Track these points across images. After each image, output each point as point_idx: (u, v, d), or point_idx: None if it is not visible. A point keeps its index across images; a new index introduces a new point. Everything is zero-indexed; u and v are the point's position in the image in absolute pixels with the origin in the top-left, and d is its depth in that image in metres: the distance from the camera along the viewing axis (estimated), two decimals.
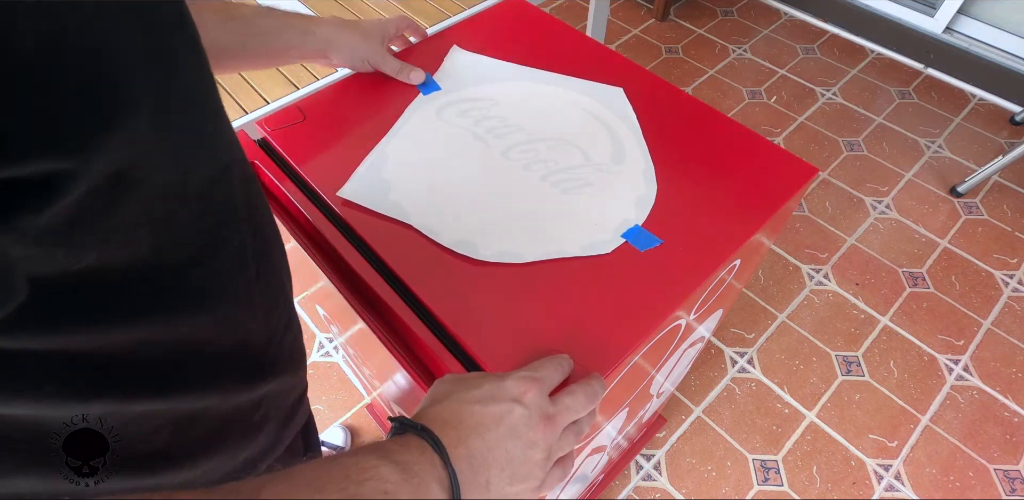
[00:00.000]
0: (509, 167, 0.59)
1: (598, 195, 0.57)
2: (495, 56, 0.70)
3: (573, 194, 0.57)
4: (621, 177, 0.58)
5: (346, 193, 0.57)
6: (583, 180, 0.58)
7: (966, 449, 1.31)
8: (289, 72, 1.08)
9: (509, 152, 0.60)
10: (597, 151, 0.60)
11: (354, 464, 0.29)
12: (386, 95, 0.66)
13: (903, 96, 2.00)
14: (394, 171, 0.58)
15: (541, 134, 0.62)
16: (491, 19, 0.76)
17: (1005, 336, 1.47)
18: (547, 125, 0.63)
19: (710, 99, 1.98)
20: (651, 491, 1.25)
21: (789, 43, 2.18)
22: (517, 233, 0.54)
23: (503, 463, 0.35)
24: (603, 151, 0.61)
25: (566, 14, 2.27)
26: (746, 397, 1.38)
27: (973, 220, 1.69)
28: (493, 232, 0.54)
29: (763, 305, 1.53)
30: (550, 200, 0.56)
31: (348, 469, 0.29)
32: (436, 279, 0.51)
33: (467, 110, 0.64)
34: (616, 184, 0.58)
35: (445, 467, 0.32)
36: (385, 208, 0.55)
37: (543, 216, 0.55)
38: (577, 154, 0.60)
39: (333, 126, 0.63)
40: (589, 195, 0.57)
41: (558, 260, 0.52)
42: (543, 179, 0.58)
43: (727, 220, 0.56)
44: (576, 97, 0.66)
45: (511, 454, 0.35)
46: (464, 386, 0.37)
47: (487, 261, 0.52)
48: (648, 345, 0.52)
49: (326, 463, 0.29)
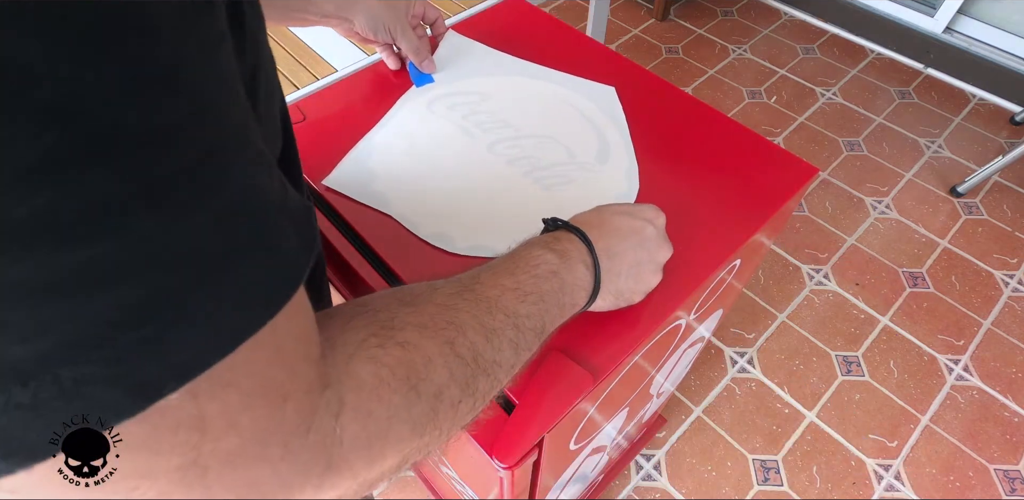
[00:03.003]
0: (493, 162, 0.59)
1: (579, 193, 0.57)
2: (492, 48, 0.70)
3: (555, 191, 0.57)
4: (604, 176, 0.59)
5: (331, 182, 0.57)
6: (566, 177, 0.58)
7: (966, 449, 1.31)
8: (289, 72, 1.08)
9: (495, 147, 0.60)
10: (582, 149, 0.61)
11: (528, 254, 0.39)
12: (386, 96, 0.66)
13: (903, 96, 2.00)
14: (379, 161, 0.59)
15: (528, 130, 0.62)
16: (491, 19, 0.76)
17: (1005, 336, 1.47)
18: (535, 122, 0.63)
19: (710, 99, 1.98)
20: (651, 491, 1.25)
21: (789, 43, 2.18)
22: (495, 228, 0.54)
23: (630, 264, 0.44)
24: (588, 149, 0.61)
25: (566, 14, 2.26)
26: (746, 397, 1.38)
27: (973, 220, 1.69)
28: (471, 226, 0.54)
29: (763, 305, 1.53)
30: (531, 196, 0.57)
31: (526, 259, 0.39)
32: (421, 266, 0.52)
33: (457, 104, 0.64)
34: (598, 183, 0.58)
35: (590, 254, 0.41)
36: (368, 198, 0.56)
37: (523, 212, 0.55)
38: (562, 152, 0.60)
39: (333, 126, 0.63)
40: (570, 192, 0.57)
41: None
42: (526, 175, 0.58)
43: (727, 220, 0.56)
44: (566, 95, 0.66)
45: (637, 259, 0.44)
46: (605, 205, 0.47)
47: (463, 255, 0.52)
48: (648, 345, 0.52)
49: (509, 258, 0.39)
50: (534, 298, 0.37)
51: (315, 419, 0.23)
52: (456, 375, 0.30)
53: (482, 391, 0.32)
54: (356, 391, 0.25)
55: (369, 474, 0.27)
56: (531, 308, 0.36)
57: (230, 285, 0.19)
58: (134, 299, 0.17)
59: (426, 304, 0.32)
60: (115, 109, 0.15)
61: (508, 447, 0.44)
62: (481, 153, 0.60)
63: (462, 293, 0.34)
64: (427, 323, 0.31)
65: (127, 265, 0.16)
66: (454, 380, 0.30)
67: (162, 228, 0.17)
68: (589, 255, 0.41)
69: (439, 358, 0.29)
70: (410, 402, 0.27)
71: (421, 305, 0.32)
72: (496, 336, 0.33)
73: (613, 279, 0.43)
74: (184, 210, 0.17)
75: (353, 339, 0.28)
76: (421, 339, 0.29)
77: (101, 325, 0.16)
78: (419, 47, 0.64)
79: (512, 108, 0.64)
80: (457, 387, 0.30)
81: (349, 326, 0.28)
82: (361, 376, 0.26)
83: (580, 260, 0.41)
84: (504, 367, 0.34)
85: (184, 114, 0.17)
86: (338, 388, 0.25)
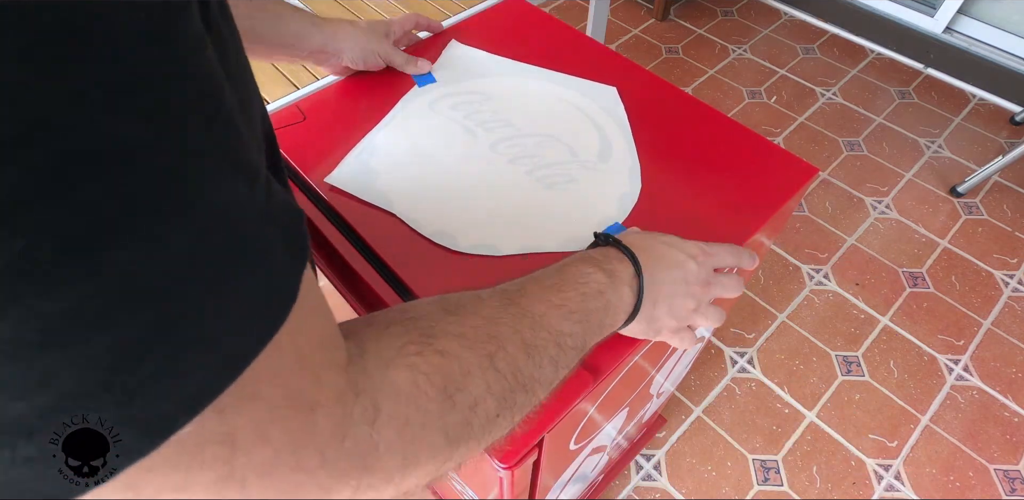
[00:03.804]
0: (495, 160, 0.59)
1: (581, 192, 0.57)
2: (493, 53, 0.70)
3: (557, 190, 0.57)
4: (606, 175, 0.59)
5: (334, 179, 0.57)
6: (568, 176, 0.58)
7: (966, 449, 1.31)
8: (289, 72, 1.08)
9: (497, 146, 0.60)
10: (584, 148, 0.61)
11: (578, 271, 0.39)
12: (387, 95, 0.66)
13: (903, 96, 2.00)
14: (382, 160, 0.59)
15: (530, 129, 0.62)
16: (491, 19, 0.76)
17: (1005, 336, 1.47)
18: (537, 121, 0.63)
19: (710, 99, 1.98)
20: (651, 491, 1.25)
21: (789, 43, 2.18)
22: (498, 226, 0.54)
23: (669, 295, 0.44)
24: (590, 148, 0.61)
25: (566, 14, 2.26)
26: (746, 397, 1.38)
27: (973, 220, 1.69)
28: (474, 224, 0.54)
29: (763, 305, 1.53)
30: (533, 195, 0.57)
31: (576, 275, 0.39)
32: (422, 266, 0.52)
33: (459, 103, 0.65)
34: (601, 181, 0.58)
35: (636, 277, 0.41)
36: (371, 196, 0.56)
37: (525, 210, 0.56)
38: (564, 150, 0.60)
39: (334, 126, 0.63)
40: (572, 191, 0.57)
41: (539, 254, 0.52)
42: (528, 174, 0.58)
43: (727, 220, 0.56)
44: (568, 94, 0.66)
45: (675, 292, 0.44)
46: (654, 233, 0.47)
47: (466, 253, 0.52)
48: (648, 345, 0.52)
49: (558, 271, 0.39)
50: (578, 316, 0.37)
51: (350, 427, 0.23)
52: (493, 388, 0.30)
53: (519, 406, 0.32)
54: (392, 398, 0.26)
55: (404, 481, 0.27)
56: (575, 326, 0.36)
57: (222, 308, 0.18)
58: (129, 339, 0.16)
59: (470, 315, 0.32)
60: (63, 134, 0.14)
61: (508, 447, 0.44)
62: (483, 152, 0.60)
63: (507, 306, 0.34)
64: (468, 334, 0.31)
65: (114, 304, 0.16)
66: (491, 393, 0.30)
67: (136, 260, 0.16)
68: (636, 278, 0.41)
69: (477, 370, 0.30)
70: (445, 411, 0.28)
71: (464, 315, 0.32)
72: (537, 353, 0.33)
73: (650, 306, 0.43)
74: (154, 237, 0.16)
75: (391, 345, 0.28)
76: (460, 349, 0.29)
77: (101, 370, 0.16)
78: (409, 59, 0.67)
79: (514, 107, 0.64)
80: (494, 400, 0.30)
81: (387, 332, 0.29)
82: (398, 383, 0.26)
83: (627, 283, 0.41)
84: (543, 384, 0.34)
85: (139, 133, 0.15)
86: (373, 395, 0.25)
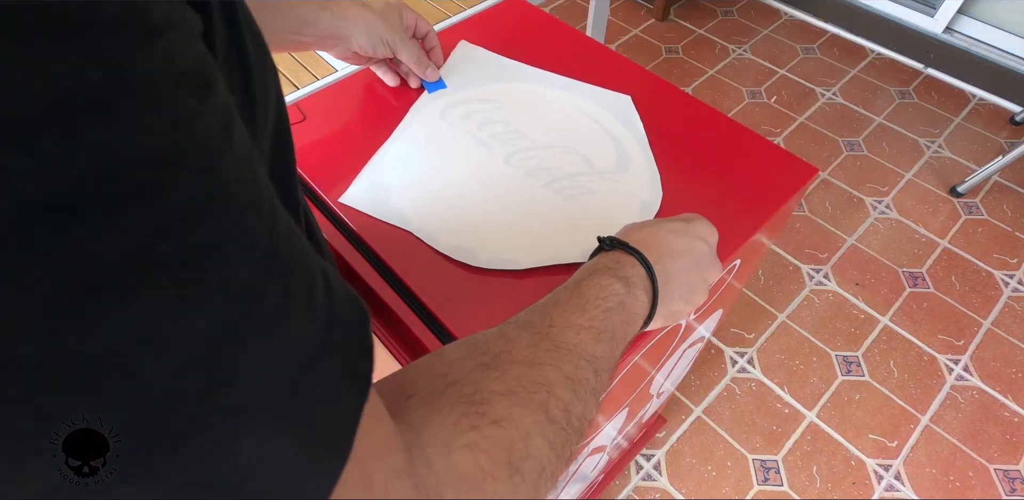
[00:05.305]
0: (511, 174, 0.58)
1: (601, 202, 0.56)
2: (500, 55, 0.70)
3: (575, 201, 0.56)
4: (625, 185, 0.58)
5: (348, 199, 0.56)
6: (586, 187, 0.57)
7: (966, 449, 1.31)
8: (289, 72, 1.08)
9: (512, 158, 0.60)
10: (601, 159, 0.60)
11: (596, 285, 0.38)
12: (387, 95, 0.66)
13: (903, 96, 2.00)
14: (395, 176, 0.58)
15: (544, 141, 0.61)
16: (491, 19, 0.76)
17: (1005, 336, 1.47)
18: (551, 132, 0.62)
19: (710, 99, 1.98)
20: (651, 491, 1.25)
21: (789, 43, 2.17)
22: (516, 240, 0.53)
23: (684, 285, 0.43)
24: (607, 159, 0.60)
25: (566, 14, 2.26)
26: (746, 397, 1.38)
27: (973, 220, 1.69)
28: (492, 239, 0.53)
29: (763, 305, 1.53)
30: (551, 207, 0.56)
31: (595, 290, 0.38)
32: (440, 283, 0.51)
33: (471, 113, 0.64)
34: (620, 191, 0.57)
35: (649, 279, 0.41)
36: (385, 214, 0.55)
37: (544, 223, 0.55)
38: (580, 161, 0.60)
39: (334, 126, 0.63)
40: (591, 202, 0.56)
41: (560, 266, 0.52)
42: (545, 186, 0.57)
43: (727, 220, 0.56)
44: (582, 104, 0.65)
45: (690, 279, 0.43)
46: (658, 221, 0.46)
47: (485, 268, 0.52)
48: (648, 345, 0.52)
49: (576, 289, 0.38)
50: (607, 336, 0.36)
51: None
52: (554, 444, 0.29)
53: (574, 453, 0.32)
54: (456, 486, 0.25)
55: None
56: (605, 347, 0.36)
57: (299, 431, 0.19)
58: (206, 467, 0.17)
59: (508, 364, 0.31)
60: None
61: None
62: (498, 165, 0.59)
63: (540, 343, 0.33)
64: (515, 389, 0.29)
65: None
66: (552, 449, 0.29)
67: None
68: (649, 280, 0.41)
69: (536, 428, 0.29)
70: (515, 486, 0.27)
71: (504, 367, 0.31)
72: (581, 386, 0.32)
73: (667, 302, 0.42)
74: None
75: (443, 424, 0.26)
76: (513, 409, 0.28)
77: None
78: (420, 57, 0.63)
79: (527, 118, 0.63)
80: (555, 455, 0.29)
81: (435, 408, 0.27)
82: (461, 468, 0.25)
83: (642, 287, 0.40)
84: (588, 418, 0.33)
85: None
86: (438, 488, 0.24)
